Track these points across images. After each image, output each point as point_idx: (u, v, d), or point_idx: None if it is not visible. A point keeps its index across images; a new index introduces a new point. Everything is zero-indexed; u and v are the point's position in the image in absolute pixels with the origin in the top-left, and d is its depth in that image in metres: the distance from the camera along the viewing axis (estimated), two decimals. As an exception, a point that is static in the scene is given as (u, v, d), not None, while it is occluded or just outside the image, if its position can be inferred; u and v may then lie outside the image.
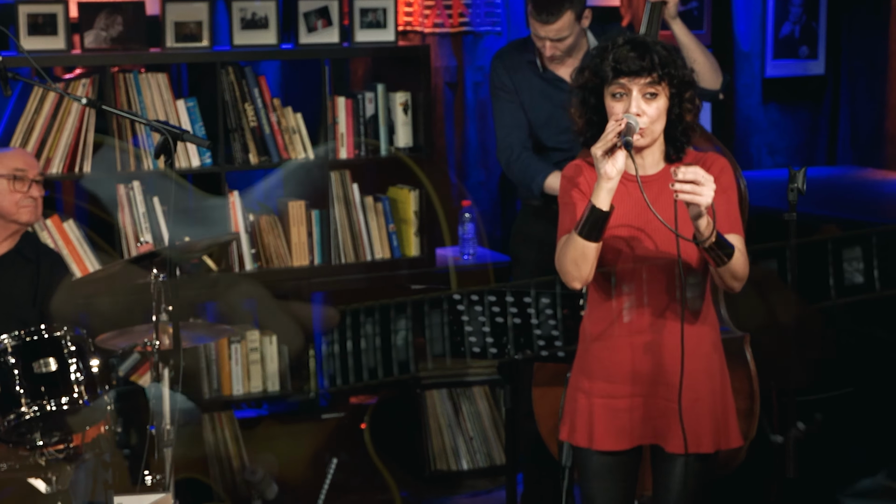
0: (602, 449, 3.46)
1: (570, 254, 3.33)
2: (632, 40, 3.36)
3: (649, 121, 3.32)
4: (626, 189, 3.37)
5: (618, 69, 3.31)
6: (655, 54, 3.32)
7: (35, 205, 4.37)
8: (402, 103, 5.29)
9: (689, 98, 3.37)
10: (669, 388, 3.41)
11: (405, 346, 5.05)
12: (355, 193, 5.26)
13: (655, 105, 3.33)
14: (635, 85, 3.31)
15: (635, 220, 3.39)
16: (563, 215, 3.46)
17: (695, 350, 3.41)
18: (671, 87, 3.34)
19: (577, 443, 3.50)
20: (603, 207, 3.26)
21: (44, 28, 4.84)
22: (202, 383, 5.11)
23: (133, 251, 4.88)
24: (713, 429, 3.45)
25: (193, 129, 5.01)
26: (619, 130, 3.22)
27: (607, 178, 3.24)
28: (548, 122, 4.73)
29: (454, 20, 5.69)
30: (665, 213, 3.26)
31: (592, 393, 3.46)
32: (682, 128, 3.38)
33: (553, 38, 4.59)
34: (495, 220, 5.87)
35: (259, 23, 5.10)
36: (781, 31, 6.24)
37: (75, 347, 4.13)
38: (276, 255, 5.18)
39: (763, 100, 6.26)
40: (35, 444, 4.07)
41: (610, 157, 3.23)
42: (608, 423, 3.44)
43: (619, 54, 3.31)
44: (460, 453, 5.45)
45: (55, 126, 4.86)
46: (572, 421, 3.51)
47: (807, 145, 6.39)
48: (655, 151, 3.43)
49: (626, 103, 3.31)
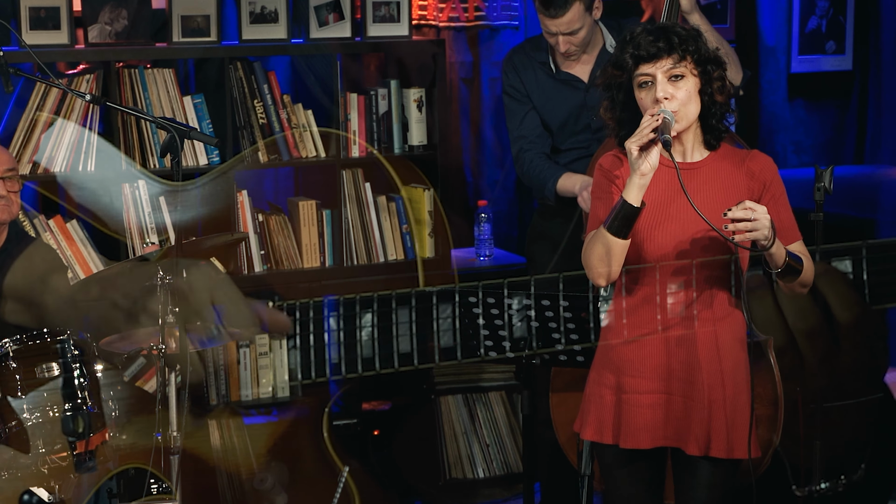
0: (630, 446, 3.44)
1: (598, 250, 3.33)
2: (650, 27, 3.35)
3: (679, 104, 3.30)
4: (667, 178, 3.35)
5: (637, 56, 3.30)
6: (674, 35, 3.31)
7: (7, 203, 4.13)
8: (416, 100, 5.25)
9: (717, 77, 3.35)
10: (698, 385, 3.40)
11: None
12: (368, 193, 5.22)
13: (684, 87, 3.31)
14: (658, 69, 3.29)
15: (673, 209, 3.37)
16: (594, 208, 3.47)
17: (726, 347, 3.41)
18: (697, 65, 3.31)
19: (603, 440, 3.49)
20: (634, 203, 3.25)
21: (46, 22, 4.79)
22: (209, 389, 5.06)
23: (140, 252, 4.85)
24: (737, 433, 3.44)
25: (201, 126, 4.98)
26: (655, 126, 3.21)
27: (641, 175, 3.24)
28: (564, 123, 4.72)
29: (470, 14, 5.66)
30: (709, 204, 3.29)
31: (620, 388, 3.45)
32: (717, 111, 3.37)
33: (565, 32, 4.56)
34: (512, 221, 5.85)
35: (269, 17, 5.06)
36: (807, 25, 6.22)
37: (78, 352, 4.05)
38: (285, 257, 5.14)
39: (789, 96, 6.24)
40: (37, 451, 4.02)
41: (645, 153, 3.22)
42: (637, 420, 3.43)
43: (638, 41, 3.31)
44: (476, 461, 5.42)
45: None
46: (599, 418, 3.48)
47: (833, 143, 6.36)
48: (693, 138, 3.41)
49: (654, 91, 3.30)
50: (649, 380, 3.43)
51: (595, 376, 3.53)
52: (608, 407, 3.47)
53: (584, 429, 3.54)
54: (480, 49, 5.69)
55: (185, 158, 4.92)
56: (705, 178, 3.37)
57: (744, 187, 3.40)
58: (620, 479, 3.53)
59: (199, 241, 4.37)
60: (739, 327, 3.47)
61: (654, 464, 3.51)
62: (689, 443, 3.42)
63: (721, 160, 3.43)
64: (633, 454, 3.47)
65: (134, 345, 4.06)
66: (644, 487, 3.53)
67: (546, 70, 4.74)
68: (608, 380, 3.48)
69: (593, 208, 3.47)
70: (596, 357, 3.56)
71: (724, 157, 3.44)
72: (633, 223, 3.27)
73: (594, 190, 3.50)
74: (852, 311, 4.23)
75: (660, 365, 3.43)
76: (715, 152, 3.43)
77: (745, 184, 3.40)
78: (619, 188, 3.37)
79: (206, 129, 4.97)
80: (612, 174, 3.42)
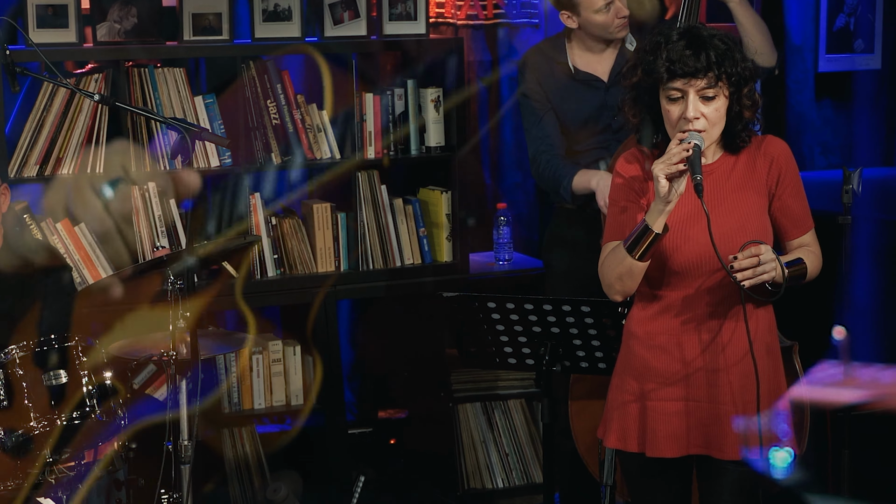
0: (656, 455, 3.41)
1: (617, 269, 3.34)
2: (687, 34, 3.29)
3: (708, 124, 3.28)
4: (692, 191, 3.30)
5: (672, 70, 3.26)
6: (712, 50, 3.25)
7: None
8: (434, 100, 5.20)
9: (747, 94, 3.33)
10: (725, 389, 3.37)
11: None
12: (384, 195, 5.17)
13: (714, 106, 3.29)
14: (691, 87, 3.26)
15: (700, 227, 3.32)
16: (611, 215, 3.46)
17: (759, 352, 3.36)
18: (730, 85, 3.29)
19: (628, 448, 3.46)
20: (657, 230, 3.25)
21: (54, 20, 4.75)
22: (221, 396, 5.07)
23: (149, 257, 4.81)
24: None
25: (212, 127, 4.93)
26: (685, 157, 3.19)
27: (666, 202, 3.22)
28: (583, 123, 4.70)
29: (489, 12, 5.64)
30: (723, 204, 3.32)
31: (643, 396, 3.41)
32: (742, 125, 3.35)
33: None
34: (532, 224, 5.83)
35: (282, 14, 5.01)
36: (835, 23, 6.18)
37: (87, 358, 4.04)
38: (299, 261, 5.10)
39: (816, 96, 6.22)
40: (45, 460, 3.96)
41: (672, 182, 3.20)
42: (663, 428, 3.39)
43: (674, 52, 3.26)
44: (495, 470, 5.38)
45: (66, 124, 4.76)
46: (623, 426, 3.45)
47: (862, 144, 6.32)
48: (712, 144, 3.40)
49: (683, 106, 3.27)
50: (673, 387, 3.39)
51: (618, 382, 3.50)
52: (632, 415, 3.44)
53: (608, 436, 3.51)
54: (500, 48, 5.67)
55: (197, 160, 4.88)
56: (719, 179, 3.36)
57: (761, 177, 3.39)
58: (647, 489, 3.51)
59: (211, 245, 4.39)
60: (766, 332, 3.44)
61: (681, 472, 3.48)
62: (725, 447, 3.38)
63: (737, 155, 3.43)
64: (660, 462, 3.44)
65: (143, 351, 4.11)
66: (672, 497, 3.50)
67: (565, 70, 4.71)
68: (631, 386, 3.45)
69: (611, 214, 3.46)
70: (618, 363, 3.54)
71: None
72: (654, 247, 3.27)
73: (612, 194, 3.48)
74: None
75: (683, 371, 3.39)
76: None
77: (762, 172, 3.39)
78: (637, 195, 3.37)
79: (217, 130, 4.93)
80: (629, 178, 3.41)
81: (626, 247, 3.29)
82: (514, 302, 4.00)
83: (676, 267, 3.36)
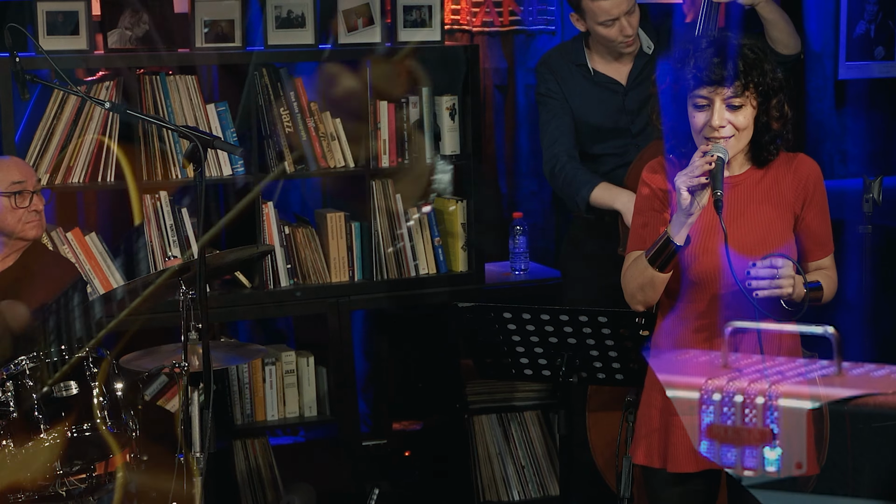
0: (677, 470, 3.39)
1: (638, 279, 3.36)
2: (716, 42, 3.30)
3: (733, 132, 3.27)
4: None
5: (699, 78, 3.26)
6: (741, 59, 3.25)
7: (39, 218, 4.32)
8: (449, 108, 5.18)
9: (776, 105, 3.31)
10: None
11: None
12: (398, 204, 5.13)
13: (741, 115, 3.28)
14: (718, 96, 3.25)
15: (720, 237, 3.29)
16: (635, 224, 3.47)
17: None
18: (758, 95, 3.28)
19: (653, 464, 3.44)
20: (679, 242, 3.26)
21: (64, 27, 4.74)
22: (234, 408, 5.05)
23: (161, 266, 4.79)
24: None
25: (224, 135, 4.91)
26: (708, 170, 3.18)
27: (688, 214, 3.23)
28: (601, 127, 4.68)
29: (504, 18, 5.61)
30: (745, 216, 3.31)
31: (667, 410, 3.38)
32: (769, 136, 3.33)
33: (627, 11, 4.52)
34: (548, 234, 5.81)
35: (295, 21, 4.99)
36: (855, 30, 6.16)
37: (98, 369, 4.06)
38: (313, 271, 5.07)
39: (836, 104, 6.19)
40: (55, 472, 3.97)
41: (694, 194, 3.20)
42: (684, 442, 3.35)
43: (702, 60, 3.26)
44: (511, 483, 5.36)
45: (76, 132, 4.75)
46: (648, 442, 3.44)
47: (883, 153, 6.29)
48: (739, 155, 3.38)
49: (709, 114, 3.27)
50: None
51: (645, 397, 3.51)
52: (656, 430, 3.43)
53: (636, 452, 3.51)
54: (516, 55, 5.65)
55: (209, 168, 4.87)
56: (747, 191, 3.35)
57: (788, 196, 3.37)
58: (670, 502, 3.49)
59: (223, 255, 4.40)
60: (791, 341, 3.42)
61: (708, 481, 3.46)
62: None
63: (765, 168, 3.40)
64: (683, 478, 3.41)
65: (156, 362, 4.11)
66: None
67: (584, 72, 4.70)
68: (656, 400, 3.43)
69: (635, 223, 3.47)
70: (647, 377, 3.52)
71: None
72: (675, 258, 3.28)
73: (637, 202, 3.48)
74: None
75: None
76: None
77: (790, 191, 3.37)
78: (664, 205, 3.36)
79: (230, 138, 4.92)
80: (654, 187, 3.40)
81: (647, 258, 3.31)
82: (530, 312, 3.96)
83: (694, 277, 3.35)
